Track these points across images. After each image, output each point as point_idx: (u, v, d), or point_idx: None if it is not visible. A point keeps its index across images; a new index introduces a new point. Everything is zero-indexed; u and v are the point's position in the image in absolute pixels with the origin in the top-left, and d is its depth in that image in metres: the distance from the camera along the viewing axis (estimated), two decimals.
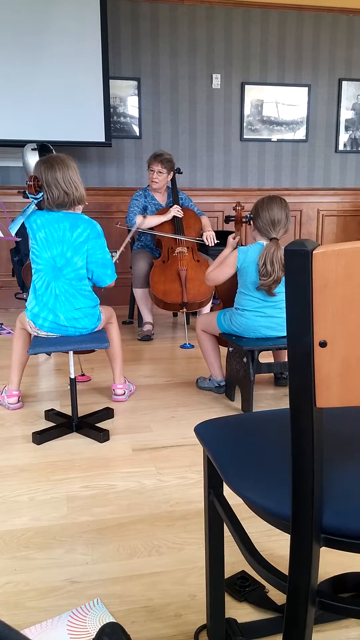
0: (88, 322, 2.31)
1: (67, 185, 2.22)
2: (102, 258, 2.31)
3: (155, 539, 1.53)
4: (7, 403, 2.51)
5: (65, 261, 2.25)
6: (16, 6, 4.12)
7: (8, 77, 4.20)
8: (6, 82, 4.20)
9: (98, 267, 2.31)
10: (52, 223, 2.24)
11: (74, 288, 2.28)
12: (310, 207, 5.22)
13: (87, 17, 4.24)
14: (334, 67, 5.02)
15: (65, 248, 2.24)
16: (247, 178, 5.08)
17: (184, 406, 2.54)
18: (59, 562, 1.44)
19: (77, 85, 4.32)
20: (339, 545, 0.76)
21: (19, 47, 4.18)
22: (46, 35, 4.20)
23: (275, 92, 4.96)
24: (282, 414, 1.06)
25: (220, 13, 4.72)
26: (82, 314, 2.29)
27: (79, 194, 2.26)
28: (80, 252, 2.26)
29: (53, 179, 2.20)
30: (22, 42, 4.17)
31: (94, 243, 2.28)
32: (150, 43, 4.67)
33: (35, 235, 2.24)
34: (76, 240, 2.25)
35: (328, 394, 0.71)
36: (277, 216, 2.32)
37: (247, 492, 0.83)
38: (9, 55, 4.18)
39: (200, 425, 1.05)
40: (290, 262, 0.68)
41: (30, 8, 4.14)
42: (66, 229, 2.24)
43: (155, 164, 3.77)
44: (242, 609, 1.27)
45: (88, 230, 2.27)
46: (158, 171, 3.77)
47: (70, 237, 2.25)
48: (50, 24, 4.19)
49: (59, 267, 2.25)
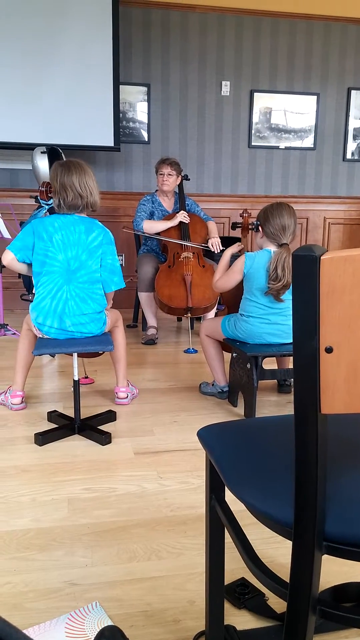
0: (94, 326, 2.32)
1: (82, 189, 2.23)
2: (111, 264, 2.35)
3: (155, 543, 1.53)
4: (11, 403, 2.51)
5: (79, 264, 2.27)
6: (29, 11, 4.16)
7: (20, 80, 4.23)
8: (18, 86, 4.24)
9: (106, 272, 2.34)
10: (67, 226, 2.26)
11: (85, 291, 2.29)
12: (316, 215, 5.22)
13: (99, 23, 4.27)
14: (343, 76, 5.03)
15: (81, 251, 2.26)
16: (254, 185, 5.09)
17: (187, 411, 2.53)
18: (58, 564, 1.44)
19: (87, 89, 4.35)
20: (341, 553, 0.75)
21: (31, 51, 4.21)
22: (58, 40, 4.24)
23: (284, 100, 4.97)
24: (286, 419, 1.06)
25: (230, 21, 4.75)
26: (88, 319, 2.30)
27: (92, 199, 2.28)
28: (95, 255, 2.29)
29: (69, 181, 2.22)
30: (34, 46, 4.21)
31: (105, 248, 2.33)
32: (161, 49, 4.70)
33: (52, 237, 2.25)
34: (91, 243, 2.28)
35: (333, 399, 0.71)
36: (287, 222, 2.34)
37: (249, 498, 0.82)
38: (21, 59, 4.21)
39: (203, 429, 1.05)
40: (298, 268, 0.68)
41: (43, 13, 4.18)
42: (82, 232, 2.27)
43: (164, 167, 3.79)
44: (242, 616, 1.26)
45: (102, 235, 2.31)
46: (168, 173, 3.79)
47: (86, 240, 2.27)
48: (62, 29, 4.23)
49: (73, 269, 2.27)
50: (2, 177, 4.65)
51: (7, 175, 4.66)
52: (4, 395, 2.58)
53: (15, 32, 4.17)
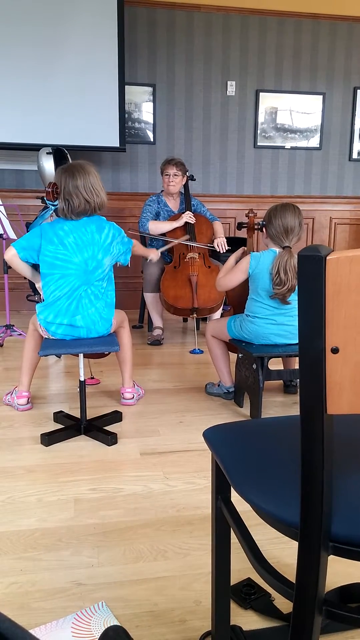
0: (102, 326, 2.33)
1: (87, 193, 2.24)
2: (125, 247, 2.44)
3: (161, 543, 1.53)
4: (17, 404, 2.52)
5: (96, 263, 2.29)
6: (34, 12, 4.17)
7: (25, 81, 4.25)
8: (23, 87, 4.25)
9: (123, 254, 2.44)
10: (79, 228, 2.28)
11: (99, 289, 2.33)
12: (322, 215, 5.20)
13: (104, 23, 4.28)
14: (349, 76, 5.02)
15: (97, 250, 2.29)
16: (260, 185, 5.09)
17: (193, 411, 2.53)
18: (65, 564, 1.44)
19: (92, 90, 4.36)
20: (348, 554, 0.75)
21: (36, 51, 4.23)
22: (63, 40, 4.25)
23: (290, 100, 4.97)
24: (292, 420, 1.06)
25: (236, 21, 4.74)
26: (99, 317, 2.31)
27: (99, 200, 2.29)
28: (109, 252, 2.34)
29: (74, 187, 2.23)
30: (39, 46, 4.23)
31: (120, 241, 2.40)
32: (166, 50, 4.71)
33: (63, 240, 2.26)
34: (105, 241, 2.31)
35: (339, 400, 0.70)
36: (290, 224, 2.32)
37: (255, 498, 0.82)
38: (26, 59, 4.23)
39: (209, 430, 1.05)
40: (303, 268, 0.68)
41: (47, 13, 4.19)
42: (94, 231, 2.29)
43: (169, 168, 3.79)
44: (248, 617, 1.26)
45: (112, 230, 2.35)
46: (174, 174, 3.79)
47: (99, 239, 2.30)
48: (67, 29, 4.24)
49: (91, 270, 2.28)
50: (9, 178, 4.67)
51: (13, 176, 4.68)
52: (10, 396, 2.59)
53: (20, 34, 4.19)
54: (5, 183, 4.66)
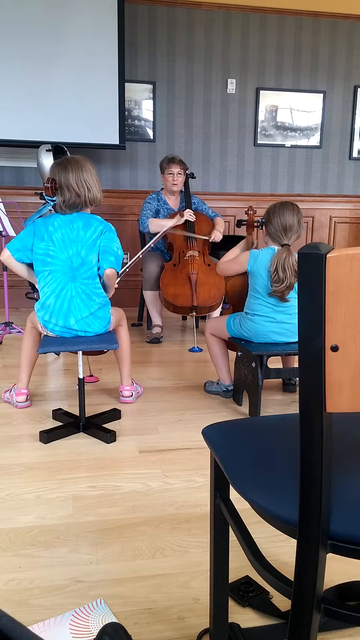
0: (99, 325, 2.32)
1: (79, 187, 2.23)
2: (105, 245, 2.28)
3: (159, 541, 1.53)
4: (16, 401, 2.52)
5: (80, 260, 2.27)
6: (34, 9, 4.16)
7: (25, 78, 4.24)
8: (23, 84, 4.24)
9: (104, 253, 2.28)
10: (67, 224, 2.26)
11: (89, 287, 2.29)
12: (322, 214, 5.20)
13: (104, 20, 4.27)
14: (350, 74, 5.01)
15: (80, 247, 2.26)
16: (260, 183, 5.08)
17: (191, 409, 2.53)
18: (63, 561, 1.44)
19: (92, 87, 4.35)
20: (346, 552, 0.75)
21: (36, 48, 4.22)
22: (63, 38, 4.24)
23: (290, 98, 4.96)
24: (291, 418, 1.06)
25: (236, 18, 4.73)
26: (93, 317, 2.30)
27: (91, 195, 2.27)
28: (94, 249, 2.28)
29: (66, 180, 2.22)
30: (39, 43, 4.22)
31: (107, 235, 2.30)
32: (167, 47, 4.69)
33: (52, 236, 2.26)
34: (90, 238, 2.27)
35: (338, 398, 0.70)
36: (289, 222, 2.32)
37: (254, 496, 0.82)
38: (26, 57, 4.22)
39: (208, 428, 1.05)
40: (303, 266, 0.68)
41: (47, 11, 4.18)
42: (79, 228, 2.26)
43: (174, 166, 3.78)
44: (246, 614, 1.26)
45: (101, 226, 2.30)
46: (177, 172, 3.78)
47: (84, 236, 2.26)
48: (67, 26, 4.23)
49: (76, 267, 2.27)
50: (8, 175, 4.66)
51: (12, 173, 4.67)
52: (9, 393, 2.59)
53: (20, 31, 4.17)
54: (4, 180, 4.66)
